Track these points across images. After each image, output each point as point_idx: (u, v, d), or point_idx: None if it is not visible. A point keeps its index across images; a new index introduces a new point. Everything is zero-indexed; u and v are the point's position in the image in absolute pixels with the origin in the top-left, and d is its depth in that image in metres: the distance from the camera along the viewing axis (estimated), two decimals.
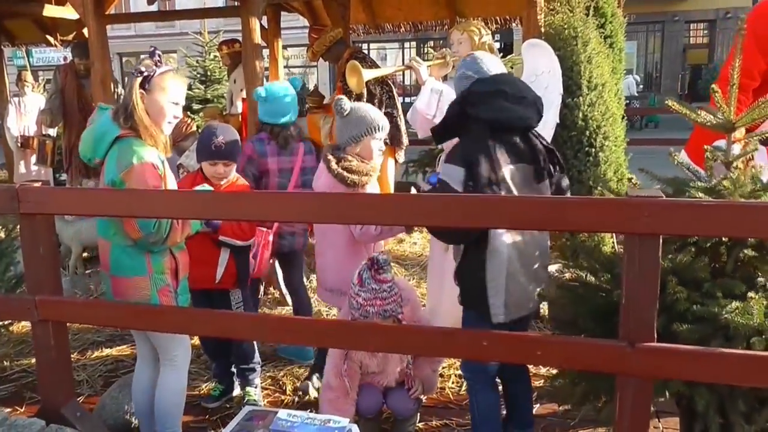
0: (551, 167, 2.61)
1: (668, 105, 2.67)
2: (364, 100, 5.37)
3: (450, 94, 3.83)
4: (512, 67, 5.81)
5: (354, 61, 3.94)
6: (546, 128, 3.75)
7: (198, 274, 3.17)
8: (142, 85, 2.63)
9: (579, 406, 2.31)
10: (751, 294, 1.90)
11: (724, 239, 2.04)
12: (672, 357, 1.84)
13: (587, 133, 3.73)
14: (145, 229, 2.57)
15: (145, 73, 2.63)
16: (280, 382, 3.76)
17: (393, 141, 5.37)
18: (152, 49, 2.76)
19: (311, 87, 11.48)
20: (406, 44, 26.58)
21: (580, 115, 3.72)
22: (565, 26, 3.85)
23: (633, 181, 2.92)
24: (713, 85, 2.67)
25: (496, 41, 17.95)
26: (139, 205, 2.43)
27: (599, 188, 3.82)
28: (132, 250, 2.65)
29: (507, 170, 2.51)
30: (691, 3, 23.94)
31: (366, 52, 24.49)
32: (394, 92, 5.53)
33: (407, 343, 2.19)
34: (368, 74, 3.86)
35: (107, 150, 2.63)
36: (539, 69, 3.83)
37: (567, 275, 4.30)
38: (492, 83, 2.62)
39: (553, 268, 4.27)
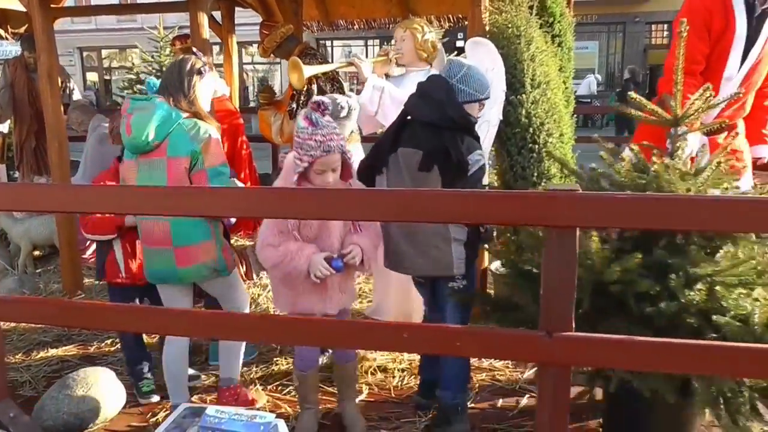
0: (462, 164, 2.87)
1: (616, 105, 2.85)
2: (314, 95, 5.39)
3: (393, 91, 3.87)
4: None
5: (294, 58, 3.96)
6: (490, 125, 3.81)
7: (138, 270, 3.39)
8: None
9: None
10: None
11: None
12: (588, 345, 1.90)
13: (531, 130, 3.79)
14: None
15: (204, 72, 3.12)
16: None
17: None
18: (195, 50, 3.34)
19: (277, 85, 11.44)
20: (370, 41, 26.59)
21: (524, 112, 3.78)
22: (509, 25, 3.91)
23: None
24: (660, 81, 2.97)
25: (460, 39, 18.09)
26: (71, 201, 2.41)
27: (543, 184, 3.90)
28: (192, 220, 2.94)
29: (401, 151, 3.02)
30: (652, 4, 24.41)
31: (329, 49, 24.39)
32: (345, 89, 5.55)
33: (330, 336, 2.22)
34: (309, 71, 3.89)
35: (168, 132, 2.96)
36: (483, 67, 3.86)
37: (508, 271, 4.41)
38: (423, 82, 3.11)
39: (494, 265, 4.38)
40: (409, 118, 3.09)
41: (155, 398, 3.53)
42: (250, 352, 3.94)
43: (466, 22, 6.51)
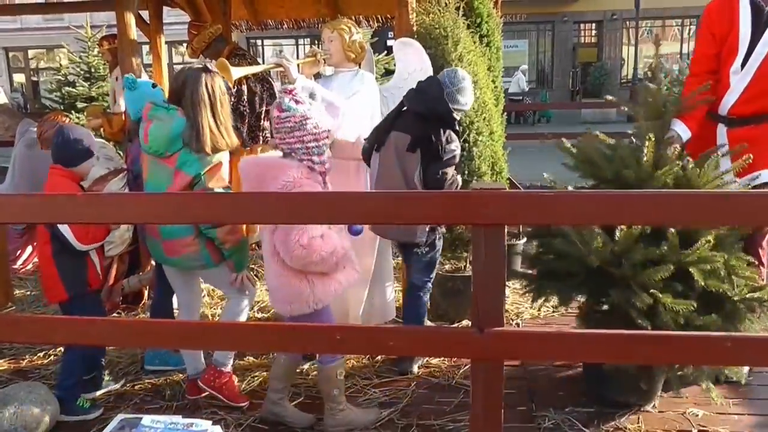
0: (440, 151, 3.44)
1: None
2: (245, 98, 5.33)
3: (321, 92, 3.86)
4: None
5: (222, 59, 3.90)
6: None
7: None
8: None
9: None
10: None
11: None
12: (519, 340, 1.95)
13: (460, 128, 3.85)
14: None
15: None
16: (160, 389, 3.68)
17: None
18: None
19: None
20: (301, 41, 26.43)
21: None
22: (436, 26, 3.96)
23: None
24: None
25: (390, 38, 18.13)
26: None
27: (474, 182, 3.98)
28: None
29: (393, 134, 3.58)
30: (579, 5, 25.19)
31: (260, 48, 24.08)
32: (275, 89, 5.51)
33: (262, 340, 2.20)
34: (237, 72, 3.83)
35: (180, 148, 3.10)
36: (411, 67, 3.92)
37: (447, 266, 4.50)
38: (423, 81, 3.66)
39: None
40: (405, 108, 3.64)
41: (95, 413, 3.43)
42: (177, 361, 3.88)
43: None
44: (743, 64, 3.46)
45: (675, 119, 3.43)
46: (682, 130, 3.47)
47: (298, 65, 3.97)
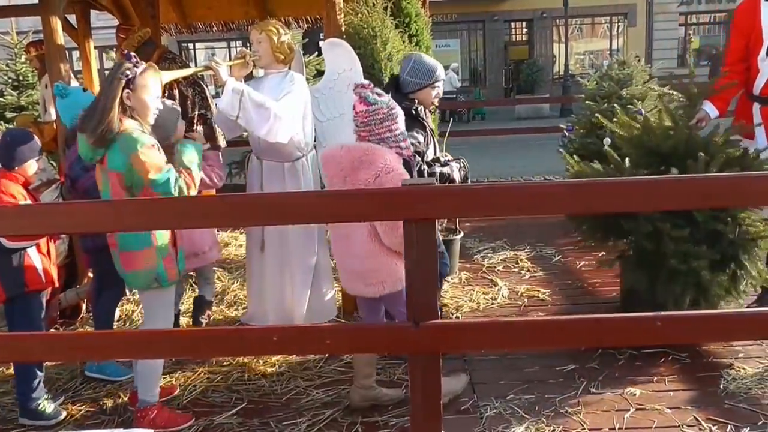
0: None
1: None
2: (177, 101, 5.24)
3: (252, 94, 3.83)
4: None
5: (150, 63, 3.82)
6: (351, 124, 3.86)
7: None
8: (127, 87, 2.95)
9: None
10: None
11: None
12: (453, 331, 1.99)
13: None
14: None
15: (129, 76, 2.95)
16: (101, 402, 3.59)
17: (208, 141, 5.28)
18: (126, 52, 3.20)
19: None
20: (233, 43, 26.09)
21: None
22: (364, 26, 3.99)
23: None
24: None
25: (322, 39, 17.89)
26: None
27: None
28: None
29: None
30: (509, 4, 25.73)
31: (192, 52, 23.60)
32: (207, 93, 5.43)
33: (196, 346, 2.18)
34: (167, 76, 3.76)
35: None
36: (340, 67, 3.91)
37: None
38: None
39: None
40: None
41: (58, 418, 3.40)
42: (124, 372, 3.80)
43: None
44: (767, 53, 4.01)
45: (705, 101, 4.01)
46: (710, 109, 4.05)
47: (228, 68, 3.94)
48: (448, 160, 3.77)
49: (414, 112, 3.59)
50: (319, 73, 8.77)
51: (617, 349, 3.79)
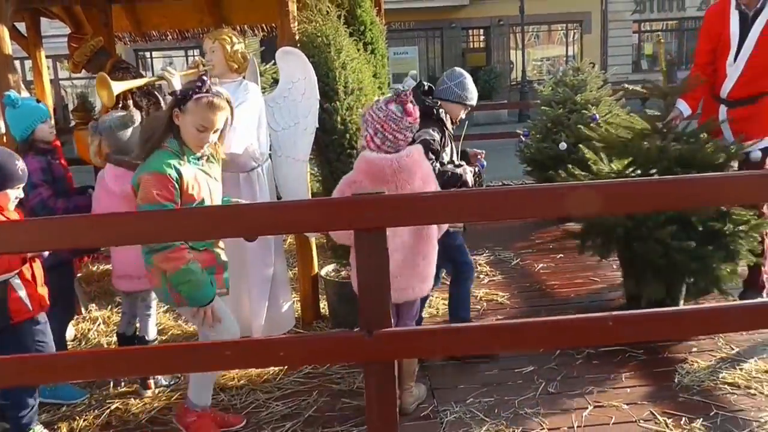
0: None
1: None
2: (128, 110, 5.15)
3: None
4: None
5: (101, 73, 3.75)
6: (306, 134, 3.87)
7: None
8: (179, 105, 2.83)
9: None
10: None
11: None
12: (406, 338, 1.99)
13: (347, 136, 3.90)
14: None
15: (183, 96, 2.83)
16: (56, 426, 3.46)
17: None
18: (202, 74, 3.14)
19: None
20: (191, 52, 25.84)
21: (339, 119, 3.88)
22: (318, 34, 3.98)
23: None
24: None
25: None
26: None
27: None
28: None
29: None
30: (466, 11, 26.03)
31: (149, 60, 23.27)
32: (162, 103, 5.36)
33: (155, 364, 2.14)
34: (118, 87, 3.71)
35: None
36: (295, 76, 3.92)
37: (343, 273, 4.53)
38: None
39: (324, 271, 4.46)
40: None
41: None
42: (79, 394, 3.70)
43: None
44: (735, 58, 4.23)
45: (679, 99, 4.29)
46: (683, 107, 4.33)
47: (181, 78, 3.89)
48: (462, 166, 3.85)
49: (436, 112, 3.76)
50: (276, 82, 8.70)
51: (574, 349, 3.86)
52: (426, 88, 3.89)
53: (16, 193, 3.07)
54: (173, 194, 2.73)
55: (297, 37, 4.15)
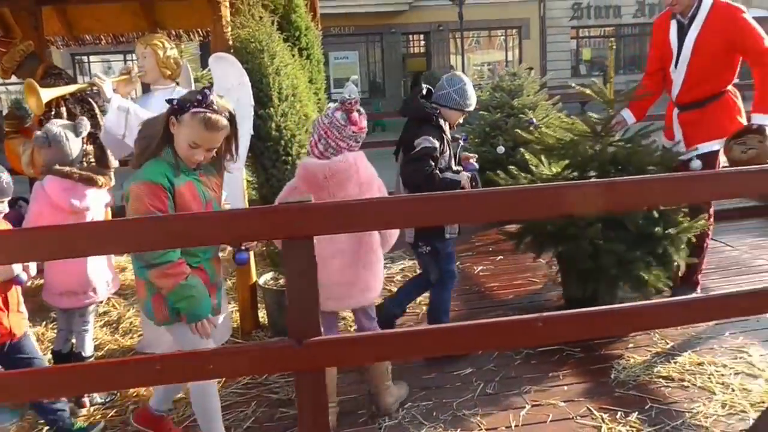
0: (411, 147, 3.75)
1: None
2: (64, 119, 5.00)
3: (139, 112, 3.71)
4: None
5: (29, 80, 3.63)
6: (241, 141, 3.80)
7: None
8: (175, 114, 2.66)
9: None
10: None
11: None
12: (336, 346, 1.98)
13: (282, 142, 3.87)
14: None
15: (181, 107, 2.64)
16: None
17: (99, 163, 5.06)
18: (208, 86, 2.81)
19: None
20: (129, 56, 25.29)
21: (274, 125, 3.85)
22: (252, 40, 3.95)
23: None
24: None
25: None
26: None
27: None
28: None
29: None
30: (406, 17, 26.22)
31: (86, 65, 22.58)
32: (96, 111, 5.22)
33: (74, 384, 2.07)
34: (47, 94, 3.59)
35: None
36: (229, 82, 3.87)
37: (281, 281, 4.49)
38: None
39: (262, 279, 4.41)
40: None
41: None
42: (12, 415, 3.53)
43: None
44: (676, 64, 4.42)
45: (624, 108, 4.53)
46: (627, 115, 4.56)
47: (112, 84, 3.81)
48: (460, 170, 3.94)
49: (435, 119, 3.79)
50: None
51: (512, 350, 3.92)
52: (425, 91, 3.92)
53: (2, 208, 3.01)
54: (166, 204, 2.58)
55: (230, 43, 4.10)
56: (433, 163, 3.69)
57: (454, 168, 3.91)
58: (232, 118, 2.71)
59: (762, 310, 2.93)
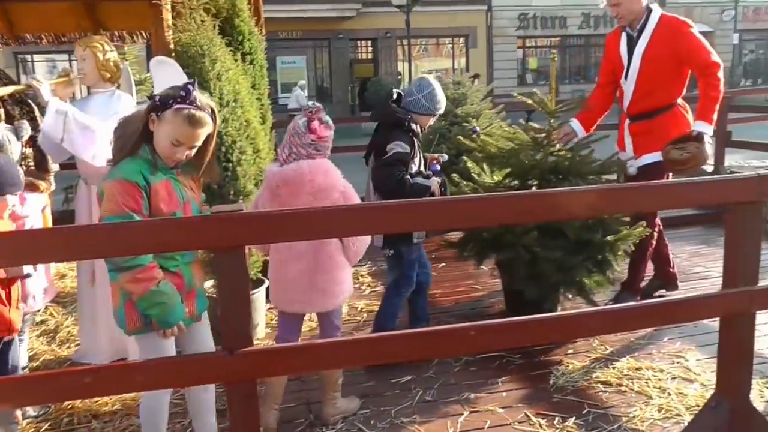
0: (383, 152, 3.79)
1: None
2: (2, 121, 4.83)
3: (77, 116, 3.62)
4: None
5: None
6: None
7: None
8: (156, 111, 2.54)
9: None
10: None
11: None
12: (268, 357, 1.97)
13: (223, 149, 3.83)
14: None
15: (163, 103, 2.53)
16: None
17: (39, 167, 4.90)
18: (192, 80, 2.66)
19: None
20: (74, 56, 24.63)
21: None
22: (193, 44, 3.89)
23: None
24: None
25: None
26: None
27: (240, 201, 3.95)
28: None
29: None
30: (353, 22, 26.25)
31: (30, 64, 21.89)
32: (36, 113, 5.06)
33: (19, 394, 2.00)
34: None
35: None
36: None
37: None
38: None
39: (209, 283, 4.34)
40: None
41: None
42: None
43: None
44: (626, 76, 4.56)
45: (573, 119, 4.67)
46: (576, 126, 4.67)
47: (50, 86, 3.71)
48: (430, 175, 3.96)
49: (407, 124, 3.82)
50: None
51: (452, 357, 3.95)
52: (395, 96, 3.95)
53: (14, 200, 2.98)
54: (140, 204, 2.46)
55: (172, 47, 4.04)
56: (404, 169, 3.75)
57: (425, 173, 3.95)
58: (214, 115, 2.64)
59: (696, 317, 3.05)
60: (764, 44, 32.41)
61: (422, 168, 3.97)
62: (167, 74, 3.86)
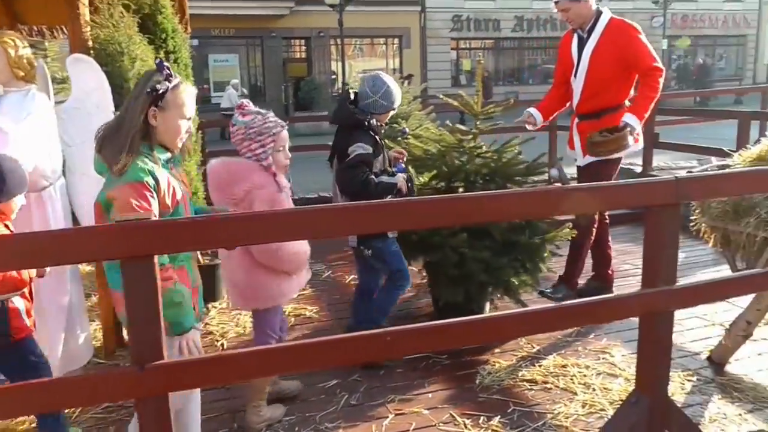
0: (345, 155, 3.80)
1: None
2: None
3: None
4: None
5: None
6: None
7: None
8: (155, 103, 2.43)
9: None
10: None
11: None
12: (180, 370, 1.91)
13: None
14: None
15: (160, 91, 2.43)
16: None
17: None
18: (158, 61, 2.55)
19: None
20: None
21: None
22: (111, 41, 3.76)
23: None
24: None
25: None
26: None
27: None
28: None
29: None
30: (286, 21, 25.97)
31: None
32: None
33: None
34: None
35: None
36: (88, 86, 3.67)
37: None
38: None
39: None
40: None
41: None
42: None
43: None
44: (575, 75, 4.72)
45: (531, 107, 4.97)
46: (536, 113, 4.92)
47: None
48: (396, 172, 3.93)
49: (367, 124, 3.80)
50: None
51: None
52: (352, 97, 3.91)
53: (21, 201, 2.92)
54: (152, 204, 2.36)
55: (90, 44, 3.88)
56: (368, 169, 3.73)
57: (390, 171, 3.94)
58: None
59: (617, 316, 3.13)
60: (692, 50, 33.83)
61: (387, 165, 3.97)
62: (85, 73, 3.72)
